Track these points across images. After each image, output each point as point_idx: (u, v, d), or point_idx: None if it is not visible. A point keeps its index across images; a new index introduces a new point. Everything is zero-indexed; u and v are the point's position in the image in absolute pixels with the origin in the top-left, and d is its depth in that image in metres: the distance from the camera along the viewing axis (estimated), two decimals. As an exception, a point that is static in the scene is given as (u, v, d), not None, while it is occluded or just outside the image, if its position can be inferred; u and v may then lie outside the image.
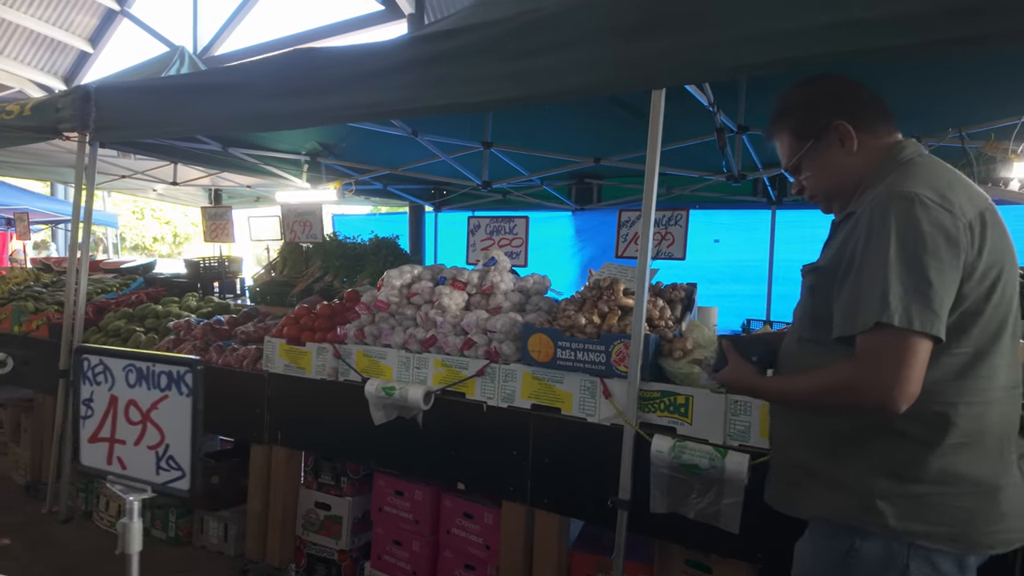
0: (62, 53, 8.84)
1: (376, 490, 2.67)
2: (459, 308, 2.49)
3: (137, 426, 0.92)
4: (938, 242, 1.16)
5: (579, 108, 3.43)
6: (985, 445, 1.25)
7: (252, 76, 2.94)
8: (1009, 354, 1.29)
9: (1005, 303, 1.26)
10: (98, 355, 0.96)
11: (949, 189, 1.23)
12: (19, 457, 4.04)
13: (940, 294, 1.15)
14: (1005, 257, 1.26)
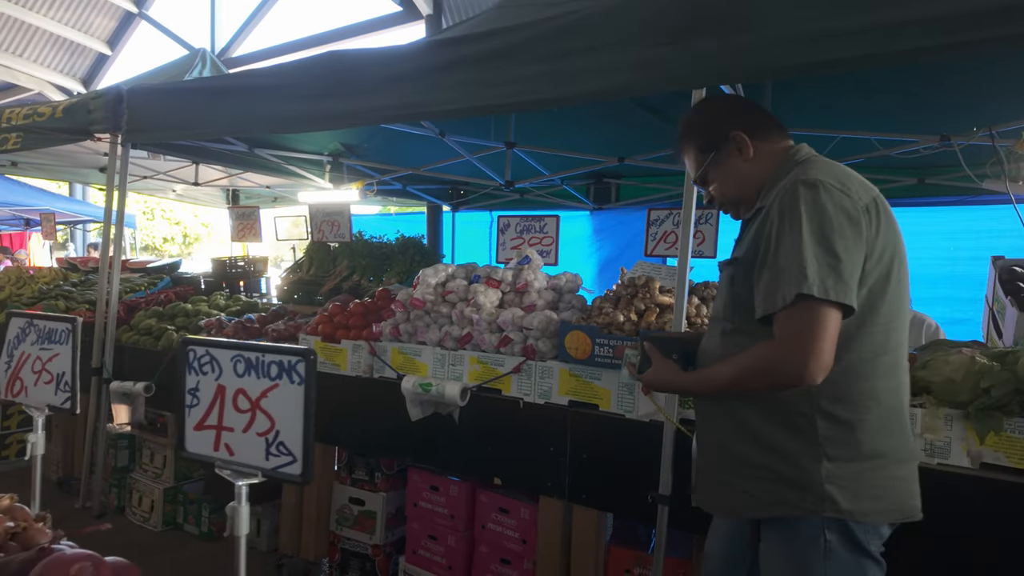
0: (81, 55, 8.93)
1: (411, 485, 2.70)
2: (494, 306, 2.53)
3: (246, 414, 0.95)
4: (843, 222, 1.27)
5: (601, 108, 3.46)
6: (901, 419, 1.35)
7: (284, 78, 2.97)
8: (907, 323, 1.40)
9: (903, 283, 1.37)
10: (204, 346, 0.99)
11: (845, 178, 1.34)
12: (50, 453, 4.10)
13: (849, 267, 1.24)
14: (897, 240, 1.37)
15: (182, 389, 1.01)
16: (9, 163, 5.81)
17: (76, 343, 1.19)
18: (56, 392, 1.22)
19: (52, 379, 1.22)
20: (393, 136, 4.36)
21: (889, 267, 1.34)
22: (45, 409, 1.25)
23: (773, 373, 1.25)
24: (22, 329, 1.28)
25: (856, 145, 3.42)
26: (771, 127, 1.54)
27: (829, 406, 1.29)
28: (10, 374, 1.28)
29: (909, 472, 1.35)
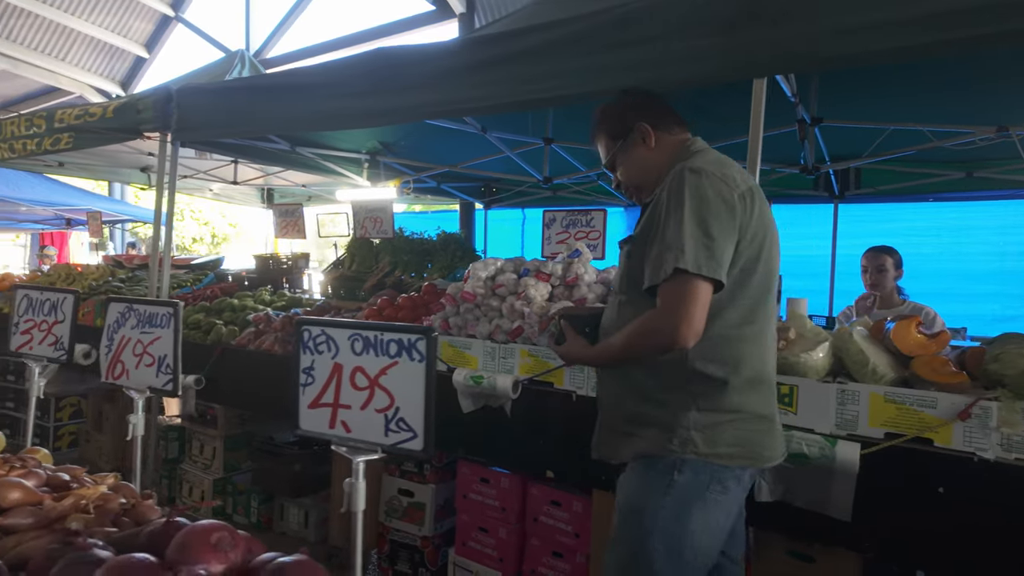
0: (119, 59, 9.14)
1: (461, 478, 2.72)
2: (544, 299, 2.53)
3: (364, 391, 0.96)
4: (719, 207, 1.45)
5: None
6: (765, 381, 1.58)
7: (330, 76, 3.01)
8: (774, 304, 1.61)
9: (771, 264, 1.57)
10: (320, 326, 1.01)
11: (727, 167, 1.55)
12: (102, 445, 4.22)
13: (721, 246, 1.44)
14: (768, 225, 1.57)
15: (296, 368, 1.02)
16: (56, 163, 5.97)
17: (178, 326, 1.23)
18: (157, 374, 1.26)
19: (154, 362, 1.25)
20: (429, 134, 4.39)
21: (760, 249, 1.53)
22: (146, 391, 1.29)
23: (654, 336, 1.44)
24: (121, 314, 1.32)
25: (907, 137, 3.36)
26: (672, 121, 1.74)
27: (702, 366, 1.51)
28: (111, 358, 1.32)
29: (767, 427, 1.58)
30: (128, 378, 1.32)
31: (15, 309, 1.55)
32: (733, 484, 1.55)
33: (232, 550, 0.75)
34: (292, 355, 1.03)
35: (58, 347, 1.47)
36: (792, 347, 2.03)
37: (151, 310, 1.28)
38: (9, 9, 7.82)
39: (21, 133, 4.55)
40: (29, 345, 1.53)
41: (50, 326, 1.43)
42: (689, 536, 1.52)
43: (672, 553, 1.52)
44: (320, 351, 1.01)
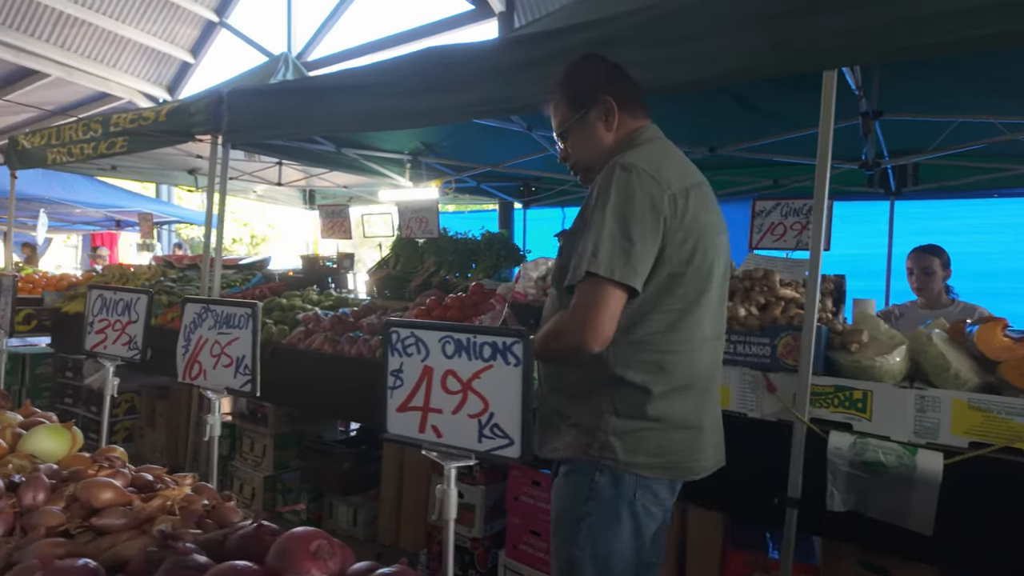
0: (166, 64, 9.40)
1: (512, 479, 2.69)
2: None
3: (456, 395, 0.93)
4: (644, 208, 1.38)
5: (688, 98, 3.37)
6: (694, 389, 1.50)
7: (382, 76, 3.02)
8: (715, 308, 1.54)
9: (706, 266, 1.48)
10: (409, 328, 0.98)
11: (664, 165, 1.45)
12: (155, 441, 4.32)
13: (639, 252, 1.37)
14: (705, 228, 1.47)
15: (384, 370, 1.00)
16: (109, 167, 6.15)
17: (256, 327, 1.23)
18: (236, 375, 1.26)
19: (232, 363, 1.25)
20: (472, 133, 4.38)
21: (692, 253, 1.45)
22: (224, 392, 1.29)
23: (561, 338, 1.40)
24: (198, 314, 1.33)
25: (976, 130, 3.20)
26: (637, 103, 1.61)
27: (622, 371, 1.45)
28: (188, 358, 1.33)
29: (693, 437, 1.51)
30: (205, 379, 1.33)
31: (89, 308, 1.58)
32: (666, 493, 1.53)
33: (331, 558, 0.74)
34: (380, 357, 1.00)
35: (132, 347, 1.49)
36: (865, 350, 1.94)
37: (228, 311, 1.28)
38: (64, 19, 8.10)
39: (79, 137, 4.70)
40: (103, 344, 1.55)
41: (124, 326, 1.45)
42: (617, 544, 1.48)
43: (600, 561, 1.48)
44: (409, 353, 0.98)
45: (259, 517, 0.90)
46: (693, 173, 1.53)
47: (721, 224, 1.59)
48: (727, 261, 1.62)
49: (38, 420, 1.33)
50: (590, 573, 1.48)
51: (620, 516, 1.47)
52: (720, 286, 1.57)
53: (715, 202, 1.59)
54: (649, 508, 1.50)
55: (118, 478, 1.00)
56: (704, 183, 1.55)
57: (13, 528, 0.84)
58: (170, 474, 1.12)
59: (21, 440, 1.17)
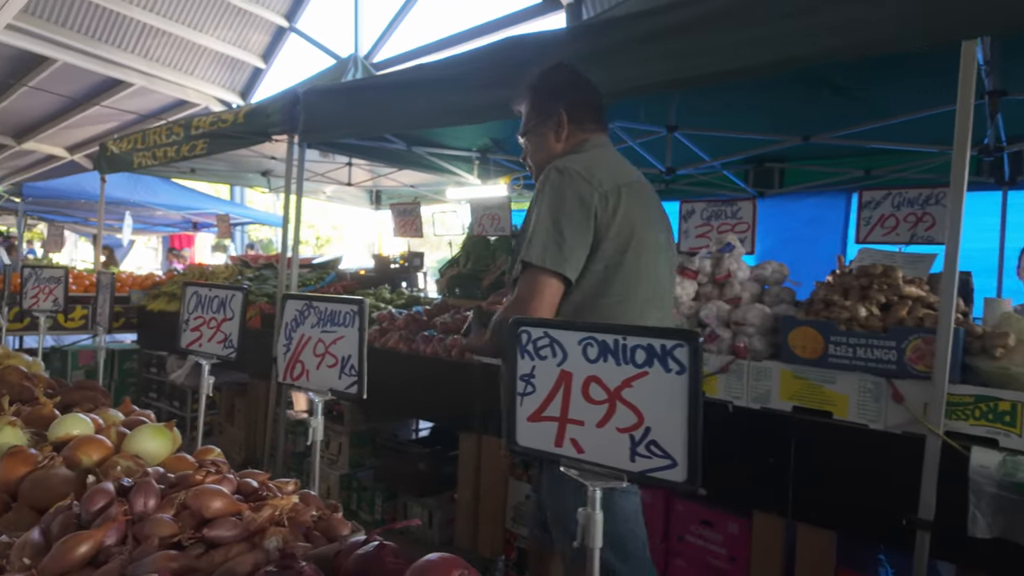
0: (239, 70, 9.74)
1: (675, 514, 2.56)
2: (690, 299, 2.33)
3: (601, 406, 0.82)
4: (575, 205, 1.51)
5: (767, 86, 3.17)
6: None
7: (457, 69, 2.95)
8: (657, 300, 1.65)
9: (644, 259, 1.59)
10: (542, 327, 0.88)
11: (597, 167, 1.58)
12: (233, 436, 4.42)
13: (571, 244, 1.50)
14: (639, 223, 1.59)
15: (512, 374, 0.90)
16: (189, 170, 6.38)
17: (363, 325, 1.16)
18: (340, 376, 1.20)
19: (336, 362, 1.19)
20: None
21: (626, 245, 1.56)
22: (327, 393, 1.23)
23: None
24: (300, 312, 1.28)
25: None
26: (589, 117, 1.73)
27: None
28: (290, 357, 1.28)
29: None
30: (308, 379, 1.27)
31: (185, 306, 1.56)
32: None
33: (473, 592, 0.64)
34: (508, 359, 0.90)
35: (227, 345, 1.46)
36: (1011, 356, 1.71)
37: (332, 308, 1.21)
38: (147, 30, 8.51)
39: (162, 141, 4.88)
40: (199, 342, 1.53)
41: (219, 323, 1.42)
42: (624, 525, 1.56)
43: (616, 545, 1.52)
44: (543, 356, 0.87)
45: (373, 533, 0.82)
46: (628, 173, 1.66)
47: (660, 219, 1.71)
48: (670, 255, 1.74)
49: (139, 419, 1.31)
50: (611, 558, 1.52)
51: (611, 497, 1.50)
52: (663, 278, 1.69)
53: (654, 200, 1.71)
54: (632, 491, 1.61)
55: (225, 484, 0.95)
56: (641, 182, 1.68)
57: (125, 536, 0.79)
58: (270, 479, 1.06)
59: (126, 440, 1.14)
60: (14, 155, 12.44)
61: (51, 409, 1.23)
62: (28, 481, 0.93)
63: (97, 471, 0.97)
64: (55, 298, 2.43)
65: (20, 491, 0.92)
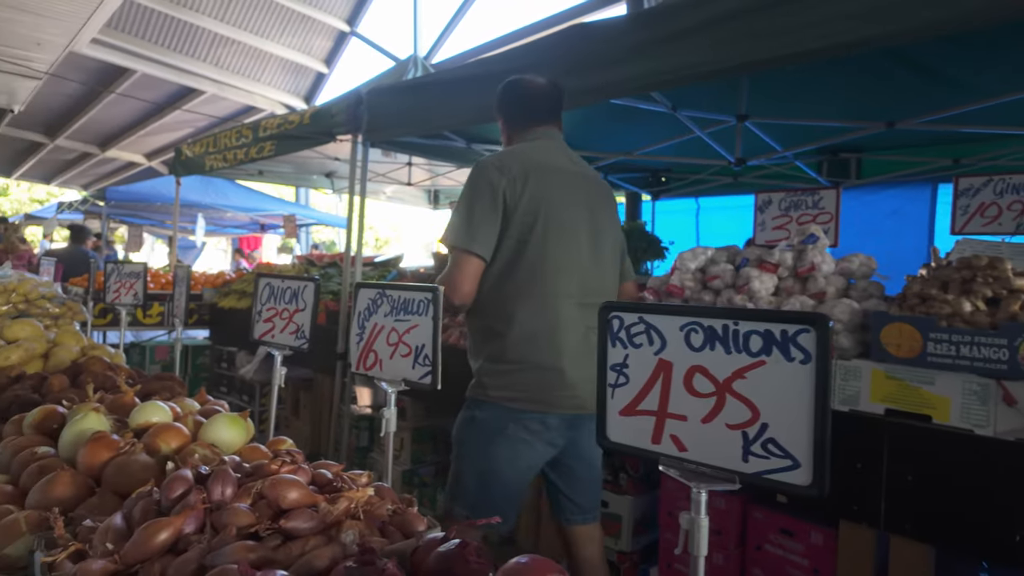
0: (303, 76, 10.04)
1: (666, 492, 2.46)
2: (770, 294, 2.20)
3: (707, 399, 0.75)
4: (485, 191, 1.78)
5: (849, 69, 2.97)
6: (544, 337, 1.79)
7: (522, 60, 2.89)
8: (569, 269, 1.83)
9: (552, 236, 1.81)
10: (635, 312, 0.81)
11: (513, 157, 1.86)
12: (299, 430, 4.53)
13: (478, 224, 1.77)
14: (551, 205, 1.82)
15: (603, 363, 0.84)
16: (257, 172, 6.61)
17: (437, 314, 1.12)
18: (414, 366, 1.17)
19: (410, 352, 1.16)
20: (601, 121, 4.18)
21: (533, 223, 1.79)
22: (401, 383, 1.20)
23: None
24: (372, 300, 1.26)
25: None
26: (531, 120, 2.01)
27: (489, 323, 1.84)
28: (363, 347, 1.26)
29: (554, 377, 1.79)
30: (381, 369, 1.25)
31: (258, 297, 1.57)
32: (538, 427, 1.79)
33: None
34: (598, 347, 0.84)
35: (299, 335, 1.46)
36: None
37: (406, 296, 1.18)
38: (217, 39, 8.88)
39: (232, 144, 5.05)
40: (271, 333, 1.54)
41: (291, 314, 1.42)
42: (493, 465, 1.81)
43: (480, 478, 1.82)
44: (637, 343, 0.80)
45: (452, 529, 0.78)
46: (552, 161, 1.91)
47: (583, 201, 1.92)
48: (594, 234, 1.93)
49: (214, 408, 1.33)
50: (471, 486, 1.84)
51: (494, 441, 1.80)
52: (581, 252, 1.89)
53: (581, 184, 1.96)
54: (523, 437, 1.79)
55: (300, 474, 0.93)
56: (564, 169, 1.94)
57: (204, 524, 0.78)
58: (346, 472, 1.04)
59: (202, 428, 1.14)
60: (98, 163, 13.26)
61: (132, 397, 1.26)
62: (111, 467, 0.94)
63: (176, 458, 0.98)
64: (135, 292, 2.53)
65: (103, 476, 0.94)
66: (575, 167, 2.00)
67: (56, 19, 6.03)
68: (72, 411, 1.15)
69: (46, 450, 1.05)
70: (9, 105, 8.42)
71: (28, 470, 0.95)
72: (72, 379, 1.74)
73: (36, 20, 6.08)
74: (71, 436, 1.03)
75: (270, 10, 8.71)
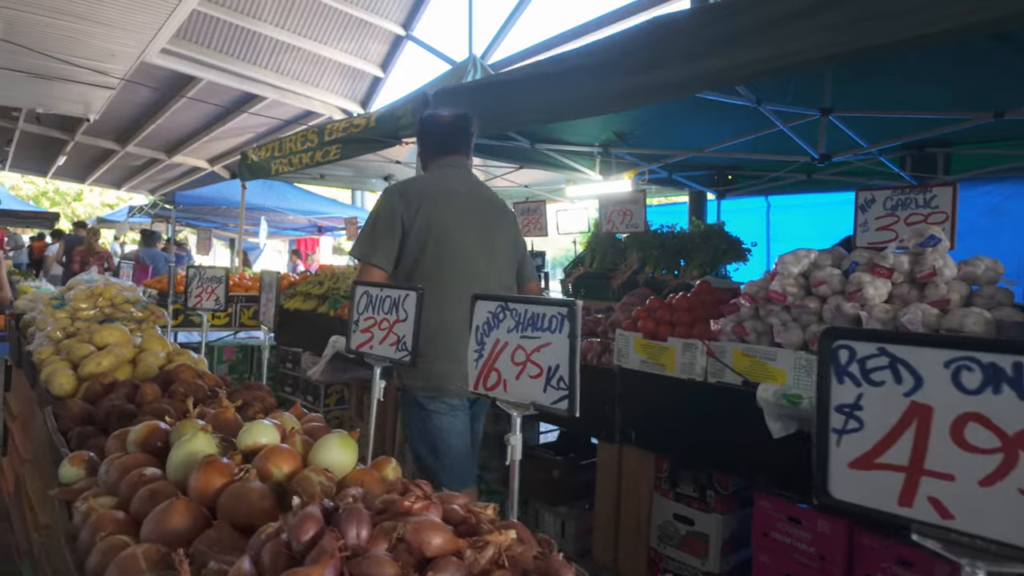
0: (360, 80, 10.17)
1: (760, 511, 2.30)
2: (882, 300, 2.02)
3: (988, 456, 0.60)
4: (385, 212, 2.24)
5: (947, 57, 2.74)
6: (438, 339, 2.17)
7: (597, 56, 2.79)
8: (463, 280, 2.22)
9: (446, 248, 2.24)
10: (875, 341, 0.67)
11: (415, 184, 2.43)
12: (363, 433, 4.53)
13: (379, 240, 2.23)
14: (444, 227, 2.23)
15: (825, 404, 0.71)
16: (319, 176, 6.71)
17: (575, 332, 1.02)
18: (546, 388, 1.07)
19: (540, 373, 1.07)
20: (668, 118, 4.02)
21: (425, 241, 2.20)
22: (529, 408, 1.11)
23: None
24: (493, 314, 1.17)
25: None
26: (434, 153, 2.41)
27: None
28: (483, 364, 1.17)
29: (452, 369, 2.16)
30: (505, 390, 1.16)
31: (355, 306, 1.51)
32: (436, 405, 2.24)
33: None
34: (818, 384, 0.72)
35: (400, 347, 1.39)
36: None
37: (534, 310, 1.09)
38: (278, 45, 9.07)
39: (297, 148, 5.10)
40: (369, 344, 1.47)
41: (391, 325, 1.35)
42: (436, 436, 2.25)
43: (430, 448, 2.28)
44: (876, 381, 0.67)
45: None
46: (449, 187, 2.31)
47: (473, 220, 2.31)
48: (489, 250, 2.34)
49: (313, 424, 1.27)
50: (419, 446, 2.33)
51: (418, 415, 2.29)
52: (474, 266, 2.28)
53: (476, 205, 2.35)
54: (451, 413, 2.27)
55: (432, 510, 0.84)
56: (458, 193, 2.32)
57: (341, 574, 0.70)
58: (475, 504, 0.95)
59: (313, 451, 1.08)
60: (164, 168, 13.81)
61: (233, 413, 1.21)
62: (226, 496, 0.88)
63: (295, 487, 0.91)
64: (216, 297, 2.55)
65: (219, 506, 0.87)
66: (472, 191, 2.39)
67: (130, 30, 6.26)
68: (176, 428, 1.10)
69: (154, 471, 1.00)
70: (85, 114, 8.83)
71: (139, 495, 0.90)
72: (163, 387, 1.72)
73: (111, 32, 6.32)
74: (180, 458, 0.98)
75: (328, 16, 8.84)
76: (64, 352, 2.08)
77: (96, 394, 1.71)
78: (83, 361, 1.93)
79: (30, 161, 14.18)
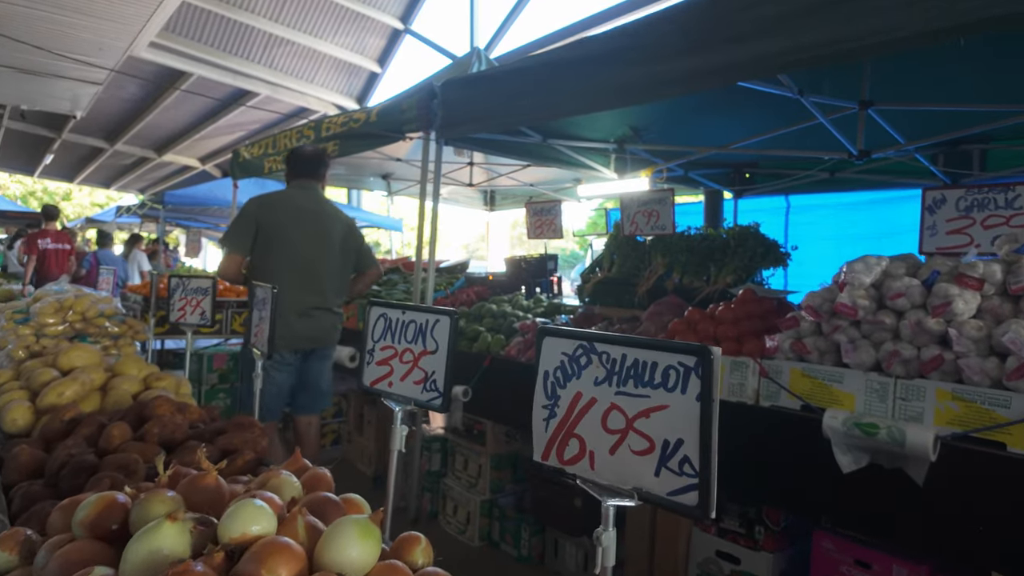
0: (356, 76, 9.86)
1: (820, 552, 2.04)
2: (971, 315, 1.75)
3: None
4: (244, 216, 3.07)
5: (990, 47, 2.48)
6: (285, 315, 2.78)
7: (633, 40, 2.51)
8: (299, 274, 3.06)
9: (284, 247, 3.03)
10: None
11: (270, 197, 3.20)
12: (363, 447, 4.24)
13: (236, 236, 3.03)
14: (278, 226, 3.05)
15: None
16: (315, 173, 6.40)
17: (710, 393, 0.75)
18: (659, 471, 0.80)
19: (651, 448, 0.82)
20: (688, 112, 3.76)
21: (270, 241, 3.02)
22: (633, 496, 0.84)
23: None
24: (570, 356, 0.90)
25: None
26: (293, 176, 3.32)
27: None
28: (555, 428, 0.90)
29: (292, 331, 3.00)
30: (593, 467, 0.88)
31: (369, 334, 1.23)
32: (278, 359, 2.99)
33: None
34: None
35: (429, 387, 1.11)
36: None
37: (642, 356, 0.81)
38: (271, 40, 8.75)
39: (293, 145, 4.79)
40: (388, 380, 1.19)
41: (416, 357, 1.08)
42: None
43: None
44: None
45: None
46: (293, 202, 3.16)
47: (309, 225, 3.11)
48: (324, 249, 3.15)
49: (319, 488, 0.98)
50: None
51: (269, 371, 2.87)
52: (311, 262, 3.10)
53: (310, 214, 3.14)
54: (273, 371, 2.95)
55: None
56: (304, 208, 3.15)
57: None
58: None
59: (322, 546, 0.78)
60: (155, 167, 13.45)
61: (215, 478, 0.92)
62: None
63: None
64: (202, 311, 2.26)
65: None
66: (316, 206, 3.20)
67: (117, 22, 5.94)
68: (138, 506, 0.82)
69: (104, 572, 0.73)
70: (72, 111, 8.48)
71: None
72: (135, 424, 1.44)
73: (98, 24, 6.00)
74: (140, 559, 0.70)
75: (324, 9, 8.53)
76: (24, 377, 1.79)
77: (54, 433, 1.43)
78: (44, 390, 1.64)
79: (16, 160, 13.80)
